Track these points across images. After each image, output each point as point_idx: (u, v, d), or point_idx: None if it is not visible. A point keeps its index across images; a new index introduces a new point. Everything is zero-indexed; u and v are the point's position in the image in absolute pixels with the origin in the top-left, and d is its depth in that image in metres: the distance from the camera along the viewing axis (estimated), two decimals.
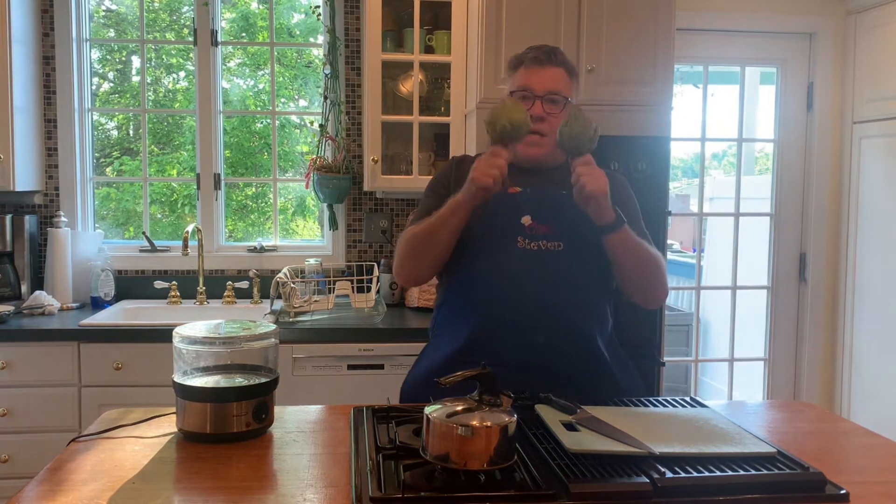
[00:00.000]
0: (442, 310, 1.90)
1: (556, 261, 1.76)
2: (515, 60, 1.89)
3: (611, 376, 1.80)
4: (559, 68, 1.83)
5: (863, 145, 3.41)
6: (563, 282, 1.76)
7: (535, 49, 1.86)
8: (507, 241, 1.77)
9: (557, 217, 1.78)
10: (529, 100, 1.80)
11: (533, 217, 1.78)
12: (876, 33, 3.32)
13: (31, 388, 2.69)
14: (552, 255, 1.76)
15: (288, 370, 2.71)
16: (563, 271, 1.76)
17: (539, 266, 1.75)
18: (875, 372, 3.35)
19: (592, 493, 1.19)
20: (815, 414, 1.77)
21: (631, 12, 2.73)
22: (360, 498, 1.19)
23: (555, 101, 1.80)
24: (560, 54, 1.86)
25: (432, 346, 1.91)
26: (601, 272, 1.81)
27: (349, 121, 3.38)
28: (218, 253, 3.42)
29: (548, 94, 1.80)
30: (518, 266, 1.76)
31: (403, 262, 1.85)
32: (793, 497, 1.22)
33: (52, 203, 3.31)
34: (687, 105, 3.87)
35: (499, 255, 1.77)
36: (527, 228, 1.77)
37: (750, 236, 3.66)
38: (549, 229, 1.77)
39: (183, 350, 1.54)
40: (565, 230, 1.77)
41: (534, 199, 1.80)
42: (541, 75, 1.81)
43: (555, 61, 1.83)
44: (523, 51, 1.89)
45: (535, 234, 1.77)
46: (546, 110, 1.79)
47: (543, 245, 1.77)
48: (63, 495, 1.23)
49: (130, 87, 3.61)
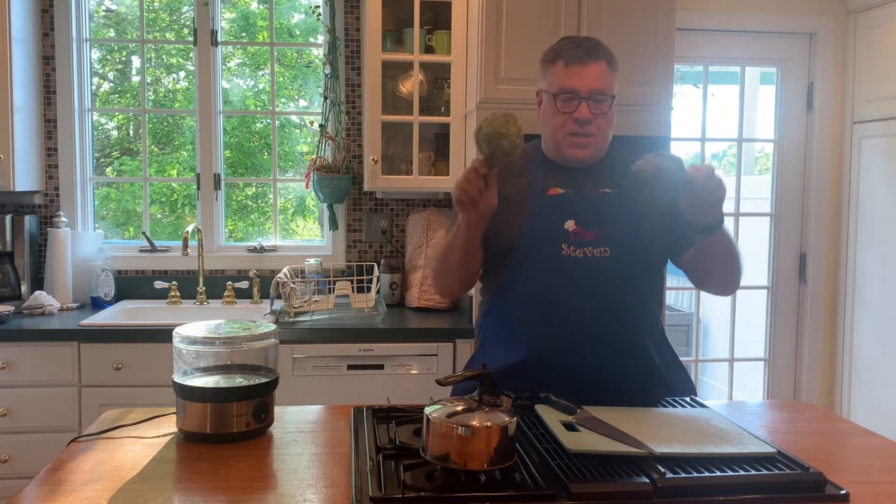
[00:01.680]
0: (489, 318, 1.83)
1: (604, 268, 1.69)
2: (552, 54, 1.76)
3: (663, 382, 1.74)
4: (601, 63, 1.71)
5: (863, 145, 3.41)
6: (611, 290, 1.69)
7: (573, 43, 1.74)
8: (550, 248, 1.70)
9: (602, 220, 1.71)
10: (574, 101, 1.70)
11: (577, 221, 1.71)
12: (876, 33, 3.32)
13: (31, 388, 2.69)
14: (599, 262, 1.69)
15: (288, 370, 2.71)
16: (611, 279, 1.69)
17: (586, 275, 1.68)
18: (875, 372, 3.35)
19: (592, 494, 1.19)
20: (815, 414, 1.77)
21: (631, 12, 2.72)
22: (361, 498, 1.19)
23: (600, 100, 1.70)
24: (601, 47, 1.74)
25: (487, 356, 1.73)
26: (649, 274, 1.76)
27: (349, 121, 3.38)
28: (218, 253, 3.42)
29: (593, 94, 1.69)
30: (564, 276, 1.69)
31: (433, 278, 1.86)
32: (793, 497, 1.23)
33: (52, 203, 3.31)
34: (687, 105, 3.87)
35: (543, 264, 1.70)
36: (571, 234, 1.70)
37: (750, 236, 3.66)
38: (594, 234, 1.70)
39: (183, 350, 1.54)
40: (611, 234, 1.70)
41: (576, 201, 1.73)
42: (584, 75, 1.70)
43: (596, 56, 1.71)
44: (559, 42, 1.78)
45: (580, 240, 1.70)
46: (592, 111, 1.70)
47: (589, 251, 1.69)
48: (63, 495, 1.23)
49: (130, 87, 3.61)
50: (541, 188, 1.76)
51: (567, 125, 1.72)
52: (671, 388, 1.75)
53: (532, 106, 2.05)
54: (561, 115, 1.72)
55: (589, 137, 1.72)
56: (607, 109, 1.72)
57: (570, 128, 1.71)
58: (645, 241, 1.71)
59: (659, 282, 1.82)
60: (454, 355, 2.79)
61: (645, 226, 1.71)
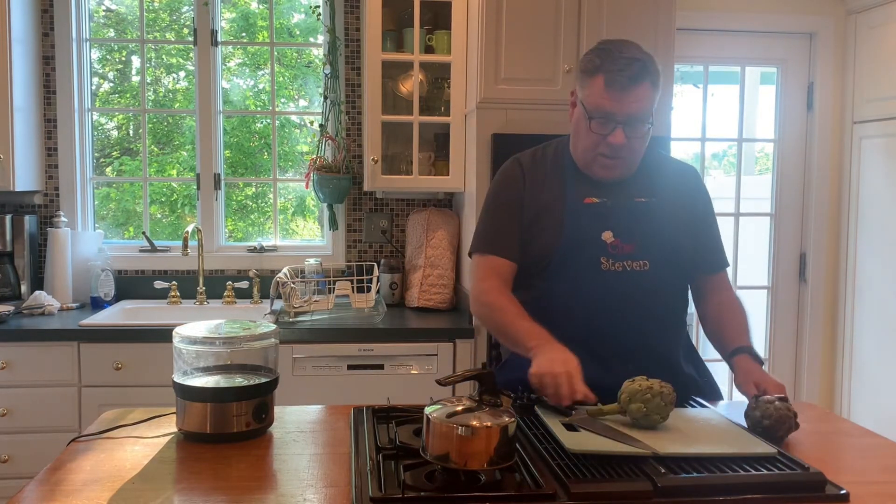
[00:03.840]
0: None
1: (644, 282, 1.65)
2: (592, 67, 1.62)
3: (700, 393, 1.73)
4: (645, 85, 1.59)
5: (863, 145, 3.41)
6: (651, 305, 1.66)
7: (617, 65, 1.59)
8: (589, 262, 1.65)
9: (640, 231, 1.66)
10: (609, 126, 1.61)
11: (615, 232, 1.65)
12: (876, 33, 3.32)
13: (31, 388, 2.69)
14: (639, 276, 1.65)
15: (288, 370, 2.71)
16: (651, 294, 1.65)
17: (626, 290, 1.64)
18: (875, 372, 3.35)
19: (592, 494, 1.19)
20: (815, 414, 1.77)
21: (631, 12, 2.72)
22: (361, 498, 1.19)
23: (637, 126, 1.62)
24: (647, 69, 1.60)
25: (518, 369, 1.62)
26: (683, 285, 1.74)
27: (349, 121, 3.38)
28: (218, 253, 3.42)
29: (631, 119, 1.60)
30: (603, 290, 1.64)
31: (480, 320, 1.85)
32: (793, 497, 1.22)
33: (52, 203, 3.31)
34: (687, 105, 3.86)
35: (582, 279, 1.65)
36: (609, 246, 1.65)
37: (750, 236, 3.66)
38: (632, 247, 1.65)
39: (183, 350, 1.54)
40: (650, 246, 1.66)
41: (614, 211, 1.67)
42: (624, 100, 1.59)
43: (640, 81, 1.58)
44: (603, 52, 1.63)
45: (618, 253, 1.65)
46: (628, 135, 1.61)
47: (629, 265, 1.65)
48: (63, 495, 1.23)
49: (130, 87, 3.61)
50: (575, 196, 1.70)
51: (600, 146, 1.65)
52: (706, 397, 1.73)
53: (534, 106, 2.06)
54: (595, 136, 1.64)
55: (620, 159, 1.66)
56: (644, 133, 1.64)
57: (603, 149, 1.65)
58: (680, 251, 1.69)
59: (688, 292, 1.80)
60: (454, 355, 2.79)
61: (681, 235, 1.69)
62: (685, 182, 1.78)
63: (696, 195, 1.77)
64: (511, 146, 1.88)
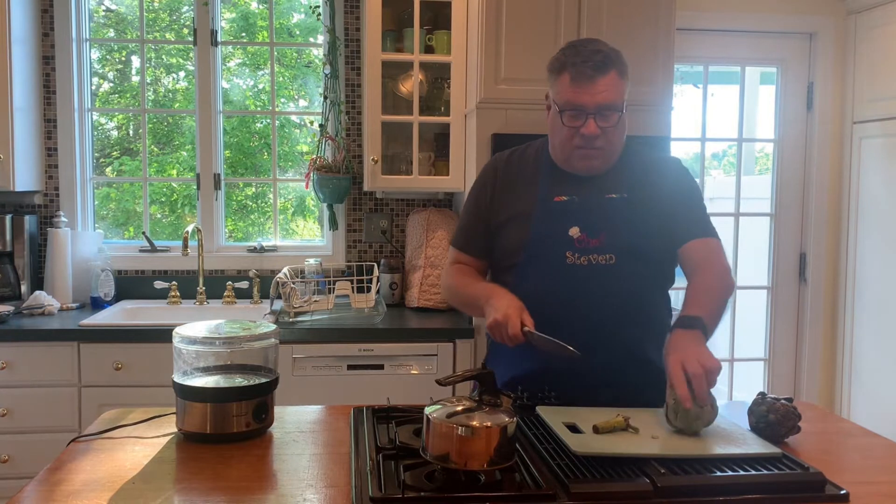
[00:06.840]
0: None
1: (609, 275, 1.66)
2: (558, 64, 1.68)
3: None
4: (610, 75, 1.63)
5: (863, 145, 3.41)
6: (617, 298, 1.66)
7: (580, 56, 1.64)
8: (554, 256, 1.68)
9: (608, 226, 1.68)
10: (581, 118, 1.64)
11: (582, 228, 1.68)
12: (876, 33, 3.32)
13: (31, 388, 2.69)
14: (604, 269, 1.66)
15: (288, 370, 2.71)
16: (617, 286, 1.66)
17: (591, 282, 1.66)
18: (875, 372, 3.35)
19: (592, 494, 1.19)
20: (815, 414, 1.77)
21: (631, 12, 2.72)
22: (360, 498, 1.19)
23: (608, 115, 1.64)
24: (610, 58, 1.64)
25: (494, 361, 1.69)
26: (657, 279, 1.74)
27: (349, 121, 3.38)
28: (218, 253, 3.42)
29: (600, 109, 1.63)
30: (568, 284, 1.67)
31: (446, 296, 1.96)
32: (793, 497, 1.23)
33: (52, 203, 3.31)
34: (687, 105, 3.86)
35: (547, 272, 1.68)
36: (575, 241, 1.67)
37: (750, 236, 3.66)
38: (599, 241, 1.67)
39: (183, 350, 1.54)
40: (617, 240, 1.67)
41: (581, 207, 1.70)
42: (591, 90, 1.62)
43: (605, 70, 1.62)
44: (565, 51, 1.69)
45: (584, 247, 1.67)
46: (600, 125, 1.64)
47: (594, 259, 1.67)
48: (63, 495, 1.23)
49: (130, 87, 3.61)
50: (546, 194, 1.74)
51: (575, 139, 1.67)
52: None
53: (534, 106, 2.06)
54: (568, 129, 1.67)
55: (598, 150, 1.68)
56: (616, 122, 1.66)
57: (578, 141, 1.67)
58: (653, 244, 1.69)
59: (669, 285, 1.79)
60: (454, 355, 2.79)
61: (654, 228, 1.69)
62: (664, 174, 1.77)
63: (676, 186, 1.76)
64: (511, 146, 1.88)
